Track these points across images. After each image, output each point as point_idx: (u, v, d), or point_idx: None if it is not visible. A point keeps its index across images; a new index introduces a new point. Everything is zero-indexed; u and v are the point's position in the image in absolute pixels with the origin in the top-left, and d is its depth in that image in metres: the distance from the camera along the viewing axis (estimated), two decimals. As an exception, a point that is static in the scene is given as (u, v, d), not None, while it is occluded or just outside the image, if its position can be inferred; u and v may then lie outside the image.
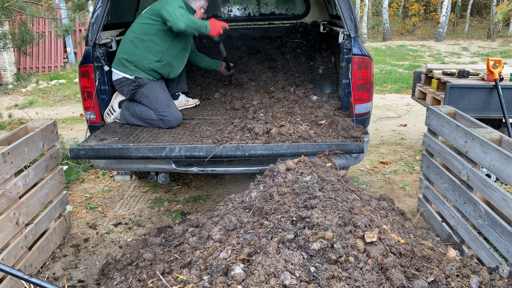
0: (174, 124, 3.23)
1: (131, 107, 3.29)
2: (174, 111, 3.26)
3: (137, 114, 3.27)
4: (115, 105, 3.36)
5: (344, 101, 3.22)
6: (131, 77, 3.28)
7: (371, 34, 21.32)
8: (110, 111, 3.36)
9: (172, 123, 3.22)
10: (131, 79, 3.28)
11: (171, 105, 3.28)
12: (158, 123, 3.24)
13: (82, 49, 12.02)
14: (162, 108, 3.21)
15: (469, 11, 21.76)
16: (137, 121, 3.30)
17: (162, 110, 3.21)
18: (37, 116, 6.84)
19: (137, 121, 3.30)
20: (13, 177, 2.45)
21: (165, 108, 3.22)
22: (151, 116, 3.24)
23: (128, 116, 3.30)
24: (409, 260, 1.74)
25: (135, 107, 3.29)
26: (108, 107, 3.36)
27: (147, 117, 3.25)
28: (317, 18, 5.12)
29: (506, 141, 2.30)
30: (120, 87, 3.33)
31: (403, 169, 4.31)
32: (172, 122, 3.22)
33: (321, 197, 2.06)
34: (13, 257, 2.37)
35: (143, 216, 3.48)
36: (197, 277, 1.71)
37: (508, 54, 13.18)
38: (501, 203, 2.09)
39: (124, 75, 3.29)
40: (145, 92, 3.28)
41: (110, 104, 3.36)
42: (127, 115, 3.30)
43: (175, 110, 3.28)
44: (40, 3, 6.41)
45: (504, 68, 4.63)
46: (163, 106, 3.22)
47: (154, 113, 3.23)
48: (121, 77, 3.30)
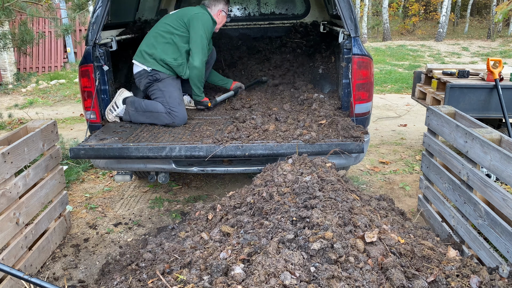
0: (179, 122, 3.28)
1: (136, 102, 3.34)
2: (183, 109, 3.35)
3: (142, 108, 3.31)
4: (119, 101, 3.38)
5: (344, 101, 3.22)
6: (148, 69, 3.39)
7: (371, 34, 21.33)
8: (113, 107, 3.38)
9: (178, 120, 3.27)
10: (148, 71, 3.40)
11: (182, 104, 3.38)
12: (163, 117, 3.27)
13: (82, 49, 12.03)
14: (173, 104, 3.30)
15: (469, 11, 21.76)
16: (141, 116, 3.33)
17: (173, 105, 3.29)
18: (37, 116, 6.85)
19: (141, 116, 3.33)
20: (13, 177, 2.45)
21: (176, 104, 3.31)
22: (158, 109, 3.29)
23: (132, 111, 3.33)
24: (409, 260, 1.74)
25: (141, 102, 3.35)
26: (111, 103, 3.38)
27: (154, 110, 3.30)
28: (317, 18, 5.12)
29: (506, 141, 2.30)
30: (139, 79, 3.47)
31: (403, 169, 4.31)
32: (179, 118, 3.27)
33: (321, 197, 2.06)
34: (13, 257, 2.37)
35: (143, 216, 3.48)
36: (197, 277, 1.71)
37: (508, 54, 13.18)
38: (501, 203, 2.09)
39: (143, 67, 3.41)
40: (161, 86, 3.39)
41: (114, 100, 3.38)
42: (131, 110, 3.33)
43: (184, 109, 3.37)
44: (40, 3, 6.41)
45: (504, 68, 4.63)
46: (175, 102, 3.32)
47: (162, 106, 3.29)
48: (140, 69, 3.43)
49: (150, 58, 3.40)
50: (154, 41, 3.41)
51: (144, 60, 3.41)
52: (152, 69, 3.39)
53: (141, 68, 3.43)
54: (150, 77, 3.40)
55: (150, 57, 3.40)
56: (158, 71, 3.40)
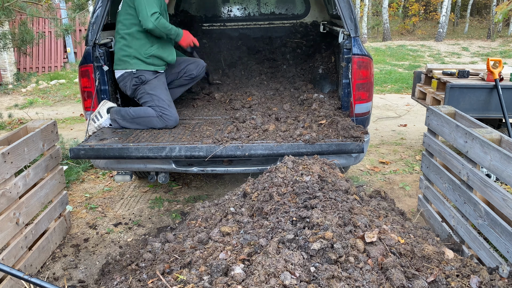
0: (171, 124, 3.22)
1: (122, 110, 3.23)
2: (174, 111, 3.28)
3: (131, 115, 3.21)
4: (103, 111, 3.24)
5: (344, 101, 3.22)
6: (133, 70, 3.28)
7: (371, 34, 21.32)
8: (97, 116, 3.23)
9: (171, 122, 3.22)
10: (133, 72, 3.28)
11: (172, 105, 3.30)
12: (155, 121, 3.20)
13: (82, 49, 12.02)
14: (164, 106, 3.22)
15: (469, 11, 21.75)
16: (131, 124, 3.23)
17: (164, 108, 3.22)
18: (37, 116, 6.84)
19: (131, 124, 3.23)
20: (13, 177, 2.45)
21: (166, 106, 3.24)
22: (148, 113, 3.21)
23: (119, 119, 3.22)
24: (409, 260, 1.74)
25: (127, 109, 3.23)
26: (95, 112, 3.24)
27: (144, 115, 3.21)
28: (317, 18, 5.12)
29: (506, 141, 2.30)
30: (124, 83, 3.33)
31: (403, 169, 4.31)
32: (171, 121, 3.21)
33: (321, 197, 2.06)
34: (13, 257, 2.37)
35: (143, 216, 3.48)
36: (197, 277, 1.71)
37: (508, 54, 13.18)
38: (501, 203, 2.09)
39: (126, 71, 3.29)
40: (148, 89, 3.28)
41: (97, 110, 3.23)
42: (118, 118, 3.22)
43: (175, 110, 3.29)
44: (40, 3, 6.41)
45: (504, 68, 4.63)
46: (165, 104, 3.24)
47: (152, 110, 3.21)
48: (123, 72, 3.30)
49: (131, 59, 3.26)
50: (126, 42, 3.24)
51: (126, 63, 3.27)
52: (137, 69, 3.27)
53: (123, 71, 3.29)
54: (136, 79, 3.27)
55: (130, 57, 3.25)
56: (143, 70, 3.27)
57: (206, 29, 5.28)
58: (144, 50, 3.26)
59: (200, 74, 3.74)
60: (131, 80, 3.29)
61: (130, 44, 3.25)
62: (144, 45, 3.26)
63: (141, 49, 3.26)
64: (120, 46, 3.29)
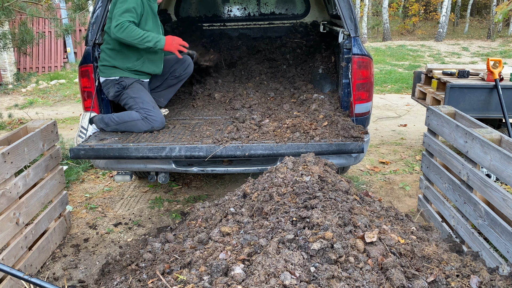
0: (157, 125, 3.14)
1: (105, 118, 3.18)
2: (159, 112, 3.20)
3: (115, 121, 3.15)
4: (85, 124, 3.19)
5: (344, 101, 3.22)
6: (115, 77, 3.21)
7: (371, 34, 21.32)
8: (81, 131, 3.19)
9: (156, 123, 3.14)
10: (115, 79, 3.21)
11: (157, 107, 3.24)
12: (140, 124, 3.12)
13: (82, 49, 12.02)
14: (148, 108, 3.15)
15: (469, 11, 21.75)
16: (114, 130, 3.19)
17: (148, 110, 3.14)
18: (37, 116, 6.84)
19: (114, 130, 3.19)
20: (13, 177, 2.45)
21: (151, 108, 3.16)
22: (132, 117, 3.13)
23: (104, 127, 3.18)
24: (409, 260, 1.75)
25: (110, 116, 3.18)
26: (78, 128, 3.20)
27: (128, 119, 3.14)
28: (317, 18, 5.12)
29: (506, 141, 2.30)
30: (106, 88, 3.26)
31: (403, 169, 4.31)
32: (156, 122, 3.13)
33: (321, 197, 2.06)
34: (13, 257, 2.37)
35: (143, 216, 3.48)
36: (197, 277, 1.71)
37: (508, 54, 13.18)
38: (501, 203, 2.09)
39: (108, 78, 3.23)
40: (131, 93, 3.21)
41: (80, 125, 3.20)
42: (103, 127, 3.18)
43: (160, 112, 3.23)
44: (40, 3, 6.42)
45: (504, 68, 4.63)
46: (149, 106, 3.16)
47: (136, 113, 3.13)
48: (105, 79, 3.24)
49: (115, 69, 3.20)
50: (111, 54, 3.19)
51: (110, 72, 3.21)
52: (120, 76, 3.22)
53: (106, 78, 3.24)
54: (118, 85, 3.21)
55: (113, 68, 3.20)
56: (125, 77, 3.22)
57: (206, 29, 5.28)
58: (127, 64, 3.21)
59: (187, 72, 3.63)
60: (113, 86, 3.22)
61: (115, 58, 3.19)
62: (128, 58, 3.20)
63: (125, 63, 3.21)
64: (104, 56, 3.22)
